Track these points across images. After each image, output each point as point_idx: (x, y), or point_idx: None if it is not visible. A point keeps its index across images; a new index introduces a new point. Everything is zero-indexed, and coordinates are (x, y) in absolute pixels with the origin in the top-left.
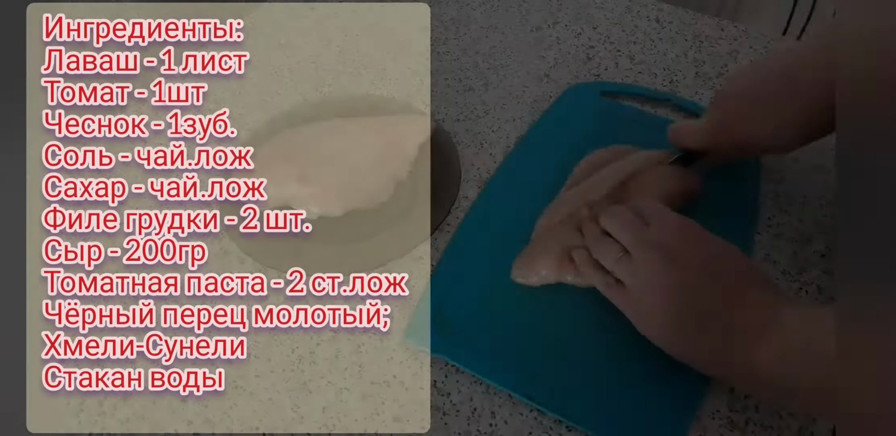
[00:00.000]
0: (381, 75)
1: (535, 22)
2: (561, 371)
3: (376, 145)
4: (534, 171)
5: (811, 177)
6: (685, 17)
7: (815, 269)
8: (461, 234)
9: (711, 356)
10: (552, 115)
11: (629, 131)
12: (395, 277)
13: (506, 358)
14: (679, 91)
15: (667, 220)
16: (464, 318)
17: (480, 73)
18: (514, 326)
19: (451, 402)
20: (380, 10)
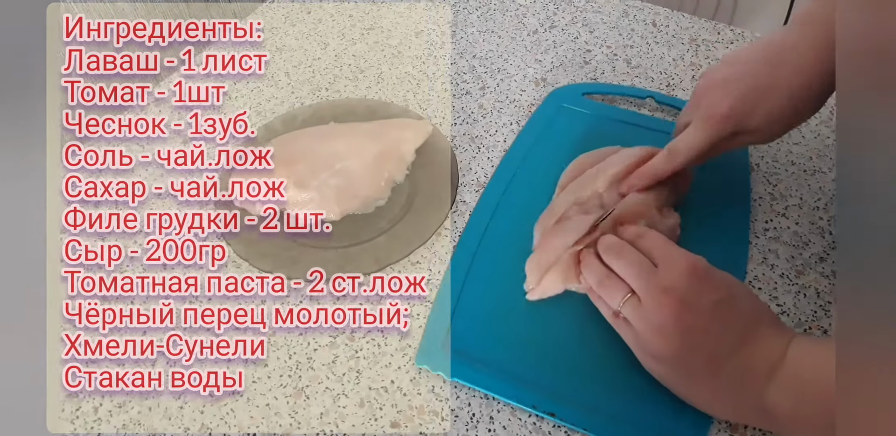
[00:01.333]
0: (378, 79)
1: (532, 26)
2: (580, 385)
3: (373, 149)
4: (527, 178)
5: (807, 180)
6: (682, 20)
7: (813, 272)
8: (460, 251)
9: (723, 400)
10: (537, 119)
11: (613, 131)
12: (415, 277)
13: (522, 376)
14: (676, 95)
15: (675, 260)
16: (476, 337)
17: (477, 76)
18: (529, 341)
19: (450, 407)
20: (376, 14)
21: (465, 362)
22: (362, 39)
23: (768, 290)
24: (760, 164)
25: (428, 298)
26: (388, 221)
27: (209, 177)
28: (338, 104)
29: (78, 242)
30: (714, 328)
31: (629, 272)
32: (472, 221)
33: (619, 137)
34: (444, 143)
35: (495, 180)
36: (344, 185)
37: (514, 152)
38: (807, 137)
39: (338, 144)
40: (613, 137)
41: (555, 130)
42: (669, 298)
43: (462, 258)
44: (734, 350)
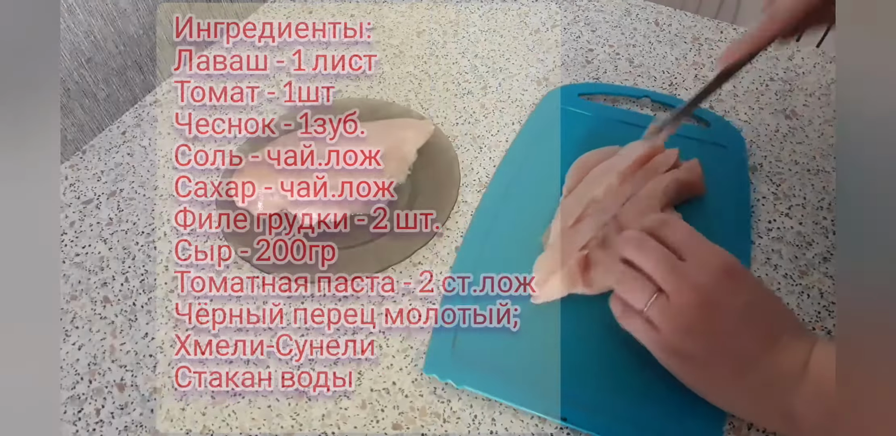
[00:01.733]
0: (380, 79)
1: (534, 25)
2: (591, 389)
3: (375, 149)
4: (527, 181)
5: (811, 180)
6: (684, 19)
7: (817, 272)
8: (463, 254)
9: (746, 402)
10: (534, 122)
11: (611, 131)
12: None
13: (532, 381)
14: (679, 94)
15: (705, 255)
16: (483, 343)
17: (479, 76)
18: (536, 346)
19: (452, 409)
20: (378, 14)
21: (473, 370)
22: (364, 39)
23: (772, 290)
24: (764, 163)
25: (430, 299)
26: (390, 221)
27: (319, 177)
28: (340, 104)
29: (188, 241)
30: (743, 331)
31: (653, 266)
32: (475, 223)
33: (617, 136)
34: (446, 143)
35: (495, 184)
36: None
37: (513, 155)
38: (810, 136)
39: (339, 144)
40: (611, 137)
41: (552, 131)
42: (700, 297)
43: (465, 262)
44: (761, 354)
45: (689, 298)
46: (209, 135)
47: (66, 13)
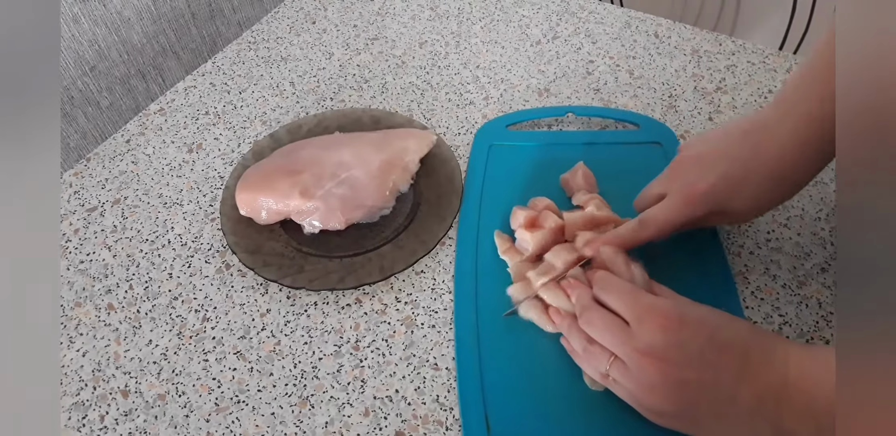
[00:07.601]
0: (383, 89)
1: (535, 36)
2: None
3: (378, 159)
4: (489, 221)
5: (809, 190)
6: (683, 31)
7: (815, 283)
8: (459, 263)
9: (741, 433)
10: (474, 165)
11: (542, 155)
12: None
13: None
14: (678, 105)
15: (645, 317)
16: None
17: (481, 87)
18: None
19: (454, 417)
20: (381, 24)
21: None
22: (367, 49)
23: (770, 300)
24: None
25: (432, 307)
26: (393, 230)
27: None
28: (342, 114)
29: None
30: (707, 376)
31: (605, 340)
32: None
33: (548, 160)
34: (448, 152)
35: (463, 225)
36: (348, 194)
37: (469, 200)
38: None
39: (342, 153)
40: (544, 162)
41: (494, 170)
42: (651, 358)
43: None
44: (735, 389)
45: (639, 362)
46: (213, 143)
47: (71, 22)
